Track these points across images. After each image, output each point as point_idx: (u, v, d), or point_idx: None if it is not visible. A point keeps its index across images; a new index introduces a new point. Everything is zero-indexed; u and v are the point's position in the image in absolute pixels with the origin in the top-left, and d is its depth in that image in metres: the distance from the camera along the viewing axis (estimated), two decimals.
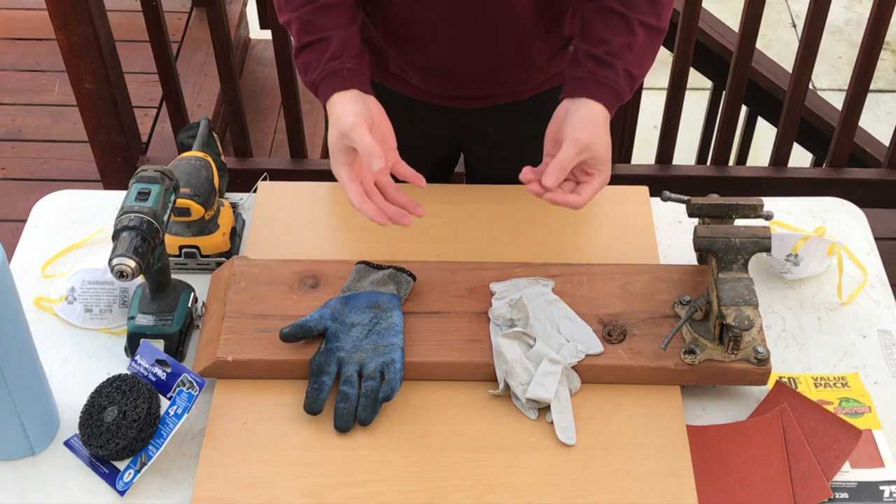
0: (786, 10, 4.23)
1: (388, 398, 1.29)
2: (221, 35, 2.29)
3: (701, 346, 1.33)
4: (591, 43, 1.36)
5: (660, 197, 1.49)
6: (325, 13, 1.37)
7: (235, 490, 1.24)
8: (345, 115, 1.31)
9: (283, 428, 1.30)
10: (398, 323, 1.36)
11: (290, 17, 1.39)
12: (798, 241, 1.48)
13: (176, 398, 1.28)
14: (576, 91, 1.34)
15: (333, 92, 1.35)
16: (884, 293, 1.48)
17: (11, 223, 2.63)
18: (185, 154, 1.50)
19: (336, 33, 1.37)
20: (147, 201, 1.30)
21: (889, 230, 2.60)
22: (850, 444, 1.27)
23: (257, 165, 2.51)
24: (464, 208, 1.58)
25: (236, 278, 1.43)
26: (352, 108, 1.32)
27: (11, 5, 3.29)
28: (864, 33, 2.28)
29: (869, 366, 1.39)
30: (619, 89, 1.35)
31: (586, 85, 1.34)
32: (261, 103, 3.09)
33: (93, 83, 2.29)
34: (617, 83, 1.34)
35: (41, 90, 3.04)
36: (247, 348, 1.35)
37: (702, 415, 1.33)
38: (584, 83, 1.34)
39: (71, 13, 2.16)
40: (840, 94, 2.50)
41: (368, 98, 1.36)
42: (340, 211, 1.59)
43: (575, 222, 1.57)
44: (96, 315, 1.42)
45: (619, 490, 1.24)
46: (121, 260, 1.26)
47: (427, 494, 1.24)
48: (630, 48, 1.35)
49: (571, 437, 1.28)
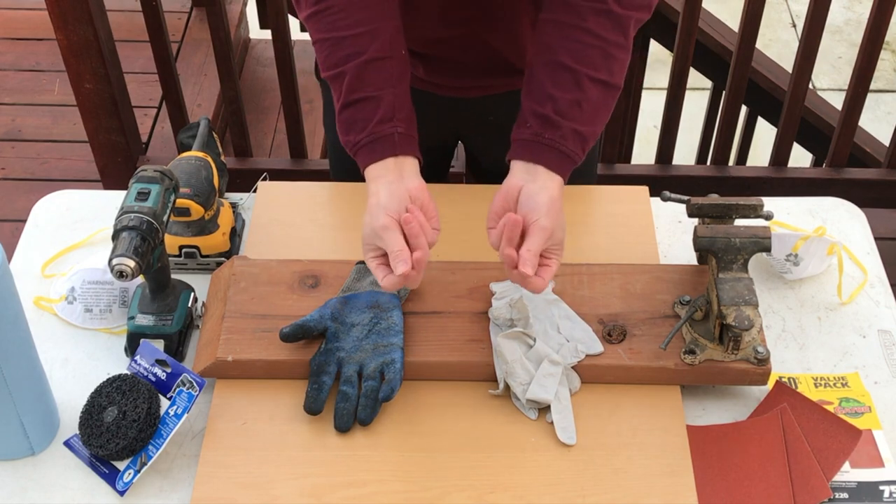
0: (786, 10, 4.23)
1: (388, 398, 1.29)
2: (221, 35, 2.29)
3: (701, 346, 1.33)
4: (537, 101, 1.28)
5: (660, 197, 1.49)
6: (376, 68, 1.27)
7: (235, 490, 1.24)
8: (377, 213, 1.23)
9: (283, 428, 1.30)
10: (398, 323, 1.36)
11: (337, 72, 1.29)
12: (798, 241, 1.48)
13: (176, 398, 1.28)
14: (522, 154, 1.28)
15: (380, 158, 1.26)
16: (884, 293, 1.48)
17: (11, 223, 2.63)
18: (185, 154, 1.50)
19: (387, 92, 1.28)
20: (147, 201, 1.30)
21: (889, 230, 2.60)
22: (850, 444, 1.27)
23: (257, 165, 2.51)
24: (464, 208, 1.58)
25: (236, 278, 1.43)
26: (385, 204, 1.23)
27: (11, 5, 3.29)
28: (864, 33, 2.28)
29: (869, 366, 1.39)
30: (568, 152, 1.27)
31: (532, 148, 1.27)
32: (261, 103, 3.09)
33: (93, 83, 2.29)
34: (565, 145, 1.27)
35: (41, 90, 3.04)
36: (247, 348, 1.35)
37: (702, 415, 1.33)
38: (529, 146, 1.28)
39: (71, 13, 2.16)
40: (840, 94, 2.50)
41: (411, 173, 1.27)
42: (340, 211, 1.59)
43: (575, 222, 1.57)
44: (96, 315, 1.42)
45: (619, 490, 1.24)
46: (121, 260, 1.26)
47: (427, 494, 1.24)
48: (579, 106, 1.27)
49: (572, 437, 1.28)
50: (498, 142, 1.65)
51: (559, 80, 1.28)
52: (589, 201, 1.60)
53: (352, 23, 1.28)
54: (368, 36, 1.28)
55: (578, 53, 1.28)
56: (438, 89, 1.56)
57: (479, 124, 1.62)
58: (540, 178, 1.26)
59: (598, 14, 1.28)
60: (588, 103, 1.28)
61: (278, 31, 2.29)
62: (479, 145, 1.70)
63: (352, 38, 1.28)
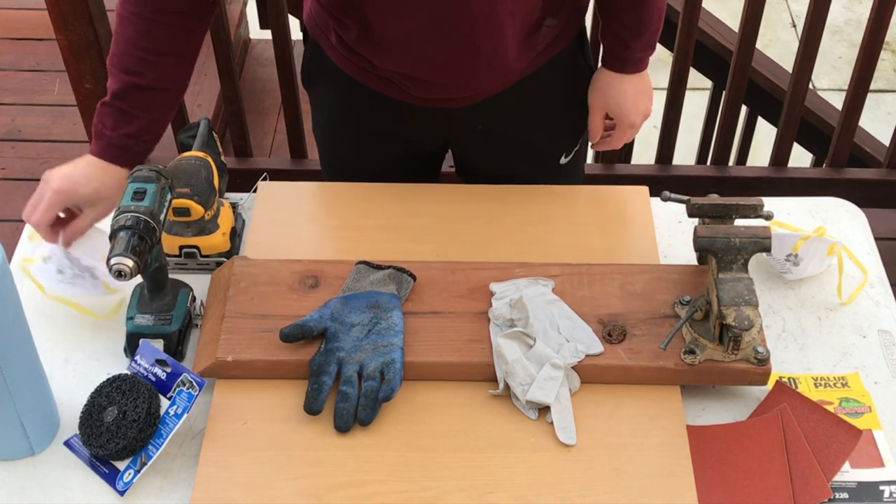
0: (786, 10, 4.23)
1: (388, 398, 1.29)
2: (221, 35, 2.29)
3: (701, 346, 1.33)
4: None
5: (660, 197, 1.49)
6: (145, 94, 1.42)
7: (235, 490, 1.24)
8: (105, 194, 1.41)
9: (283, 428, 1.30)
10: (398, 323, 1.36)
11: (122, 77, 1.42)
12: (798, 241, 1.48)
13: (176, 398, 1.28)
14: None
15: (116, 164, 1.42)
16: (884, 293, 1.48)
17: (11, 223, 2.63)
18: (185, 154, 1.50)
19: (147, 115, 1.43)
20: (143, 201, 1.30)
21: (889, 230, 2.60)
22: (850, 444, 1.27)
23: (257, 165, 2.51)
24: (464, 208, 1.58)
25: (236, 278, 1.43)
26: (109, 196, 1.40)
27: (11, 5, 3.29)
28: (864, 33, 2.28)
29: (869, 366, 1.39)
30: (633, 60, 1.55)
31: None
32: (261, 103, 3.09)
33: (93, 83, 2.29)
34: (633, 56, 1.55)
35: (41, 90, 3.04)
36: (247, 348, 1.35)
37: (702, 415, 1.33)
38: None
39: (71, 13, 2.16)
40: (840, 94, 2.50)
41: (108, 173, 1.42)
42: (340, 211, 1.59)
43: (575, 222, 1.57)
44: (66, 279, 1.41)
45: (619, 490, 1.24)
46: (119, 259, 1.26)
47: (427, 494, 1.23)
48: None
49: (572, 438, 1.28)
50: (486, 148, 1.66)
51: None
52: (589, 201, 1.60)
53: (155, 51, 1.42)
54: (159, 68, 1.43)
55: None
56: (424, 102, 1.55)
57: (466, 132, 1.62)
58: (599, 72, 1.61)
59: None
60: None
61: (278, 31, 2.29)
62: (467, 152, 1.70)
63: (147, 61, 1.42)
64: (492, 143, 1.63)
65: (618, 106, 1.58)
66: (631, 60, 1.56)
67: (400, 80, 1.51)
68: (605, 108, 1.59)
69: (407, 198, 1.59)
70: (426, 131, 1.62)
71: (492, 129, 1.60)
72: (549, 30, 1.52)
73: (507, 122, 1.59)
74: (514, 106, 1.57)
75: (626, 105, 1.57)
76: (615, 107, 1.58)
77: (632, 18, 1.52)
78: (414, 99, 1.54)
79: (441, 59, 1.46)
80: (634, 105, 1.57)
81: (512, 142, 1.63)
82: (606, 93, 1.57)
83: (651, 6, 1.51)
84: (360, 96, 1.55)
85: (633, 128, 1.59)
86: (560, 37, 1.55)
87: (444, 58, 1.46)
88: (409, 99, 1.54)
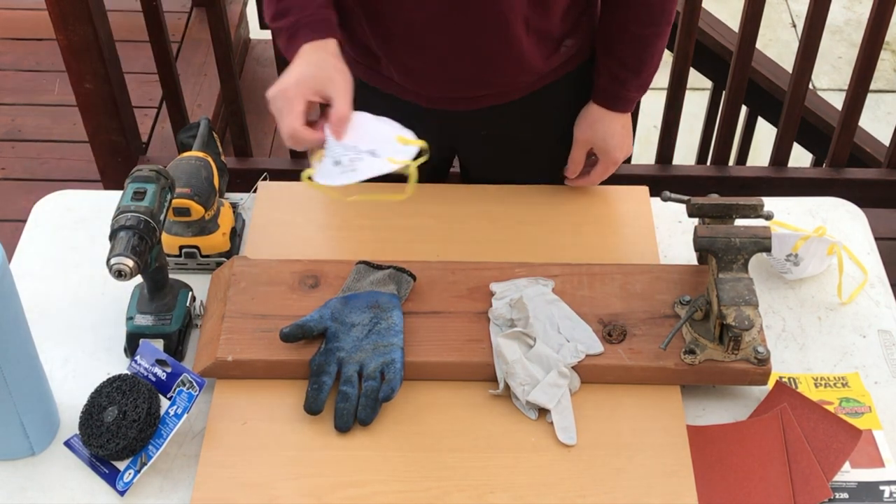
0: (786, 10, 4.22)
1: (388, 398, 1.29)
2: (221, 35, 2.29)
3: (701, 346, 1.33)
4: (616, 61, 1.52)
5: (660, 197, 1.49)
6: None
7: (235, 490, 1.24)
8: (343, 74, 1.32)
9: (283, 428, 1.30)
10: (398, 323, 1.36)
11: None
12: (798, 241, 1.48)
13: (176, 398, 1.28)
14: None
15: (321, 37, 1.35)
16: (884, 293, 1.48)
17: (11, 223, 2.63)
18: (185, 154, 1.50)
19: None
20: (143, 200, 1.30)
21: (889, 230, 2.59)
22: (850, 444, 1.27)
23: (257, 165, 2.51)
24: (464, 208, 1.58)
25: (236, 278, 1.43)
26: (347, 72, 1.33)
27: (11, 5, 3.28)
28: (864, 33, 2.28)
29: (869, 366, 1.39)
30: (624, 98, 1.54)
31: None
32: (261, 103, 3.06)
33: (93, 83, 2.29)
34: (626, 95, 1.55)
35: (41, 90, 3.04)
36: (247, 348, 1.35)
37: (702, 415, 1.33)
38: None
39: (71, 13, 2.16)
40: (840, 94, 2.50)
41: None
42: (340, 211, 1.59)
43: (575, 222, 1.57)
44: (346, 168, 1.31)
45: (619, 490, 1.24)
46: (119, 259, 1.26)
47: (427, 494, 1.23)
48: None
49: (572, 438, 1.28)
50: (490, 156, 1.65)
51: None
52: (589, 201, 1.60)
53: None
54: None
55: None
56: (430, 102, 1.55)
57: (471, 138, 1.62)
58: (587, 106, 1.58)
59: None
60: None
61: None
62: (472, 158, 1.70)
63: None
64: (496, 151, 1.63)
65: (604, 142, 1.55)
66: (624, 99, 1.54)
67: (406, 74, 1.51)
68: (590, 144, 1.57)
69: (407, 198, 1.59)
70: (431, 134, 1.62)
71: (496, 135, 1.60)
72: (567, 49, 1.53)
73: (512, 131, 1.59)
74: (521, 116, 1.57)
75: (613, 142, 1.55)
76: (601, 143, 1.56)
77: (632, 58, 1.51)
78: (420, 99, 1.54)
79: (446, 54, 1.46)
80: (621, 143, 1.56)
81: (516, 150, 1.62)
82: (595, 128, 1.55)
83: (654, 47, 1.50)
84: (367, 97, 1.53)
85: (615, 165, 1.58)
86: (576, 55, 1.55)
87: (448, 53, 1.46)
88: (413, 98, 1.54)
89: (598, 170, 1.58)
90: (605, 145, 1.55)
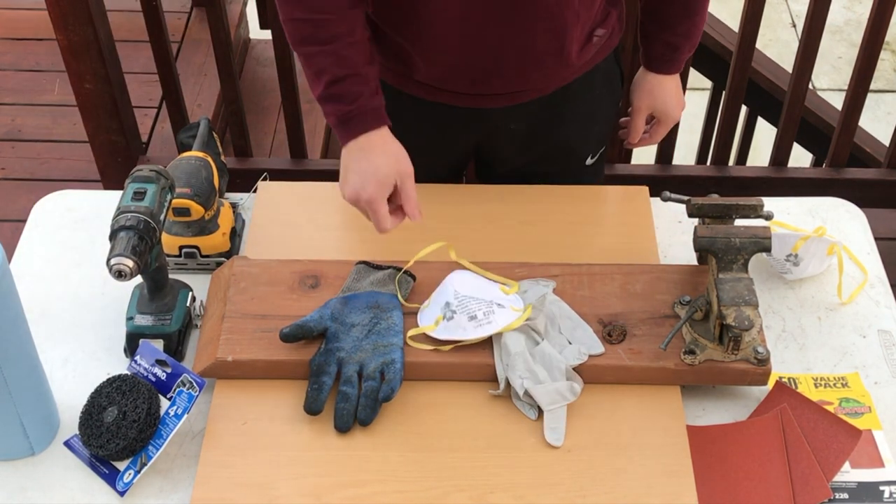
0: (786, 10, 4.22)
1: (388, 398, 1.29)
2: (221, 35, 2.29)
3: (701, 346, 1.33)
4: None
5: (660, 197, 1.50)
6: (356, 49, 1.39)
7: (235, 490, 1.24)
8: (404, 158, 1.40)
9: (283, 428, 1.30)
10: (398, 323, 1.36)
11: (317, 50, 1.39)
12: (798, 241, 1.48)
13: (176, 398, 1.28)
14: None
15: (378, 126, 1.40)
16: (884, 293, 1.48)
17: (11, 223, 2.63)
18: (185, 154, 1.50)
19: (371, 70, 1.40)
20: (143, 201, 1.30)
21: (889, 230, 2.59)
22: (850, 444, 1.27)
23: (257, 165, 2.51)
24: (464, 208, 1.58)
25: (236, 278, 1.43)
26: (404, 153, 1.40)
27: (11, 5, 3.28)
28: (864, 33, 2.28)
29: (869, 366, 1.39)
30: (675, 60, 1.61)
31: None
32: (261, 103, 3.09)
33: (93, 83, 2.28)
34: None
35: (41, 90, 3.03)
36: (247, 348, 1.35)
37: (702, 415, 1.33)
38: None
39: (71, 13, 2.15)
40: (840, 94, 2.50)
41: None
42: (340, 211, 1.59)
43: (575, 222, 1.57)
44: (482, 320, 1.35)
45: (619, 490, 1.24)
46: (119, 259, 1.26)
47: (427, 494, 1.24)
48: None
49: (559, 439, 1.28)
50: (514, 148, 1.65)
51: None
52: (589, 201, 1.60)
53: (334, 7, 1.38)
54: (348, 20, 1.39)
55: None
56: (463, 101, 1.54)
57: (499, 133, 1.61)
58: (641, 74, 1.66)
59: None
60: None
61: (278, 31, 2.29)
62: (496, 152, 1.69)
63: (334, 21, 1.38)
64: (521, 143, 1.63)
65: (664, 104, 1.63)
66: (679, 62, 1.62)
67: (443, 72, 1.50)
68: (651, 109, 1.64)
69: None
70: (460, 134, 1.62)
71: (524, 128, 1.60)
72: (599, 39, 1.54)
73: (541, 123, 1.59)
74: (549, 109, 1.57)
75: (672, 103, 1.64)
76: (662, 105, 1.64)
77: (685, 25, 1.57)
78: (453, 98, 1.53)
79: (493, 51, 1.46)
80: (678, 101, 1.65)
81: (543, 142, 1.63)
82: (655, 94, 1.63)
83: (701, 10, 1.56)
84: (394, 102, 1.51)
85: (674, 121, 1.67)
86: (605, 45, 1.57)
87: (497, 49, 1.45)
88: (447, 99, 1.53)
89: (659, 130, 1.67)
90: (665, 107, 1.64)
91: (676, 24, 1.57)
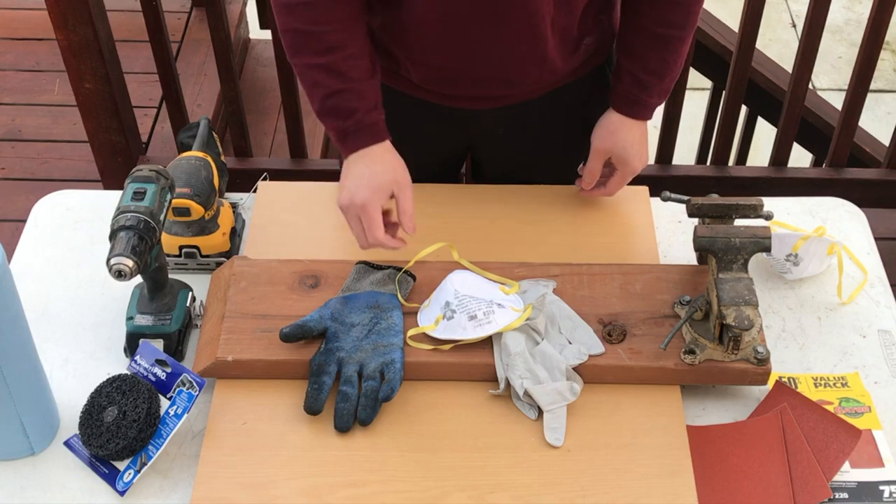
0: (786, 10, 4.23)
1: (388, 398, 1.29)
2: (221, 35, 2.29)
3: (701, 346, 1.33)
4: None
5: (660, 197, 1.50)
6: (353, 63, 1.38)
7: (235, 490, 1.24)
8: (400, 168, 1.40)
9: (283, 428, 1.30)
10: (398, 323, 1.36)
11: (312, 63, 1.39)
12: (798, 241, 1.48)
13: (176, 398, 1.28)
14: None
15: (377, 141, 1.40)
16: (884, 293, 1.48)
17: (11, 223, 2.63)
18: (185, 154, 1.50)
19: (370, 85, 1.40)
20: (143, 201, 1.30)
21: (889, 230, 2.59)
22: (850, 444, 1.27)
23: (257, 165, 2.51)
24: (464, 208, 1.58)
25: (236, 278, 1.43)
26: (404, 166, 1.41)
27: (11, 5, 3.28)
28: (864, 33, 2.28)
29: (869, 366, 1.39)
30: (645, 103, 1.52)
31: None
32: (261, 103, 3.09)
33: (93, 83, 2.28)
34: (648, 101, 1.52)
35: (41, 90, 3.04)
36: (247, 348, 1.35)
37: (702, 415, 1.33)
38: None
39: (71, 13, 2.16)
40: (840, 94, 2.50)
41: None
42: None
43: (575, 222, 1.57)
44: (482, 320, 1.35)
45: (619, 490, 1.24)
46: (119, 259, 1.26)
47: (427, 494, 1.24)
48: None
49: (559, 440, 1.28)
50: (504, 153, 1.65)
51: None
52: (589, 201, 1.60)
53: (332, 19, 1.37)
54: (347, 33, 1.39)
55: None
56: (450, 101, 1.55)
57: (488, 137, 1.62)
58: (606, 114, 1.55)
59: None
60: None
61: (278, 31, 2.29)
62: (486, 156, 1.70)
63: (331, 33, 1.38)
64: (511, 147, 1.63)
65: (624, 151, 1.51)
66: (645, 106, 1.51)
67: (428, 73, 1.51)
68: (609, 153, 1.52)
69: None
70: (448, 134, 1.62)
71: (514, 133, 1.60)
72: (587, 47, 1.52)
73: (528, 128, 1.59)
74: (537, 114, 1.57)
75: (633, 151, 1.52)
76: (621, 152, 1.52)
77: (655, 60, 1.47)
78: (439, 98, 1.53)
79: (473, 55, 1.46)
80: (640, 152, 1.53)
81: (532, 148, 1.62)
82: (615, 137, 1.51)
83: (677, 51, 1.48)
84: (387, 96, 1.51)
85: (632, 174, 1.54)
86: (594, 55, 1.55)
87: (476, 53, 1.45)
88: (433, 98, 1.53)
89: (615, 180, 1.54)
90: (625, 154, 1.51)
91: (647, 58, 1.47)
